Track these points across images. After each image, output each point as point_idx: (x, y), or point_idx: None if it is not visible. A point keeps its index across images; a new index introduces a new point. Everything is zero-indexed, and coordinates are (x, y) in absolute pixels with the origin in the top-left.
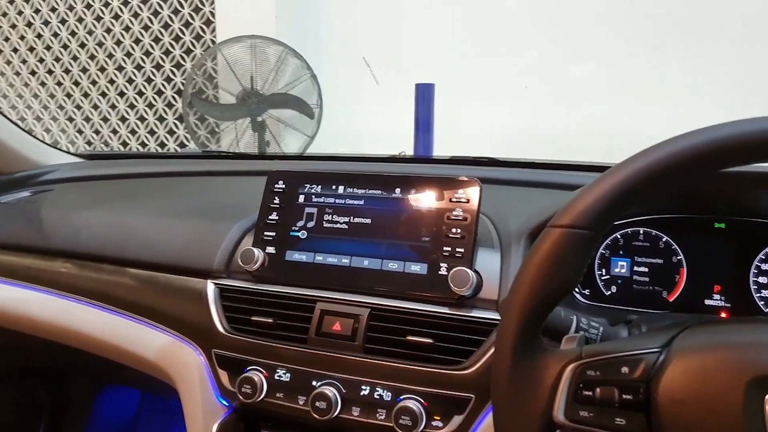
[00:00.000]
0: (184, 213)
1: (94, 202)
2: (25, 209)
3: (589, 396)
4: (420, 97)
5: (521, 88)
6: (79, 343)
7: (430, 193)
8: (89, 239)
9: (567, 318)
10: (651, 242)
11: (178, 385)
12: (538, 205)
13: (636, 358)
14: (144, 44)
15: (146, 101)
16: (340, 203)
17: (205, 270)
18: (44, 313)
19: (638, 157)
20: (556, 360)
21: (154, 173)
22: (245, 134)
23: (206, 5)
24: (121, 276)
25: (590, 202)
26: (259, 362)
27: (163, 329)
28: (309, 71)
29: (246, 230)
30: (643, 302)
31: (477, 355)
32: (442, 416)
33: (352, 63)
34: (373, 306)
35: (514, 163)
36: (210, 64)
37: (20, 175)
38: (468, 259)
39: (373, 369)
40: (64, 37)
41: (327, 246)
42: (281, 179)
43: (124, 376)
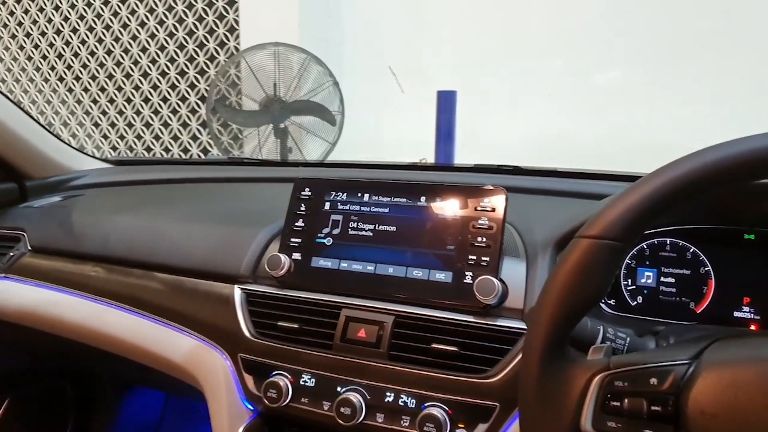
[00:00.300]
0: (211, 219)
1: (123, 208)
2: (57, 214)
3: (617, 407)
4: (442, 104)
5: (544, 96)
6: (107, 346)
7: (456, 202)
8: (118, 244)
9: (594, 328)
10: (678, 253)
11: (204, 389)
12: (563, 214)
13: (665, 369)
14: (169, 51)
15: (170, 107)
16: (366, 211)
17: (232, 275)
18: (74, 315)
19: (670, 168)
20: (584, 370)
21: (180, 179)
22: (268, 141)
23: (230, 13)
24: (150, 280)
25: (620, 213)
26: (284, 367)
27: (190, 333)
28: (331, 78)
29: (272, 236)
30: (669, 313)
31: (502, 364)
32: (467, 424)
33: (373, 70)
34: (398, 313)
35: (538, 172)
36: (233, 70)
37: (52, 180)
38: (494, 268)
39: (398, 376)
40: (92, 44)
41: (352, 253)
42: (307, 186)
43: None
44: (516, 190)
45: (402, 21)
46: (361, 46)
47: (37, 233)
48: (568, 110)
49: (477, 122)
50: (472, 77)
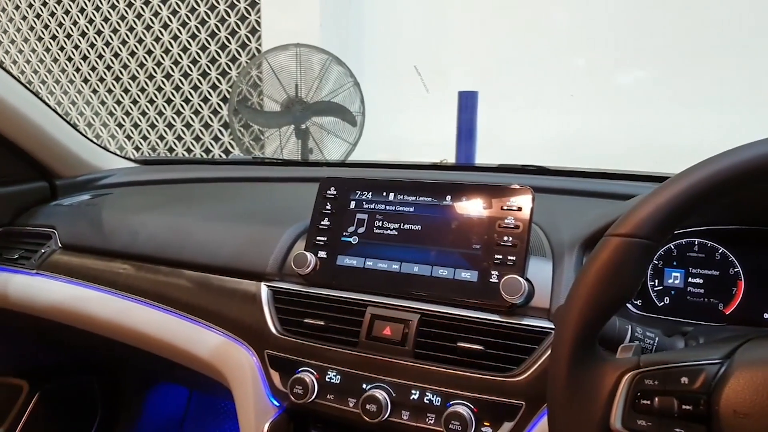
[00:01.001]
0: (237, 217)
1: (150, 206)
2: (86, 212)
3: (647, 405)
4: (463, 104)
5: (566, 97)
6: (135, 341)
7: (482, 201)
8: (146, 241)
9: (622, 327)
10: (706, 254)
11: (231, 385)
12: (589, 214)
13: (696, 368)
14: (191, 52)
15: (192, 108)
16: (391, 210)
17: (259, 273)
18: (103, 311)
19: (702, 166)
20: (614, 368)
21: (207, 178)
22: (289, 141)
23: (252, 14)
24: (177, 277)
25: (651, 211)
26: (310, 364)
27: (217, 329)
28: (352, 78)
29: (298, 235)
30: (697, 314)
31: (528, 363)
32: (492, 422)
33: (393, 71)
34: (423, 312)
35: (562, 172)
36: (255, 71)
37: (81, 179)
38: (520, 267)
39: (423, 374)
40: (116, 46)
41: (377, 252)
42: (333, 185)
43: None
44: (540, 190)
45: (423, 21)
46: (382, 46)
47: (67, 231)
48: (590, 110)
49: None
50: (493, 77)
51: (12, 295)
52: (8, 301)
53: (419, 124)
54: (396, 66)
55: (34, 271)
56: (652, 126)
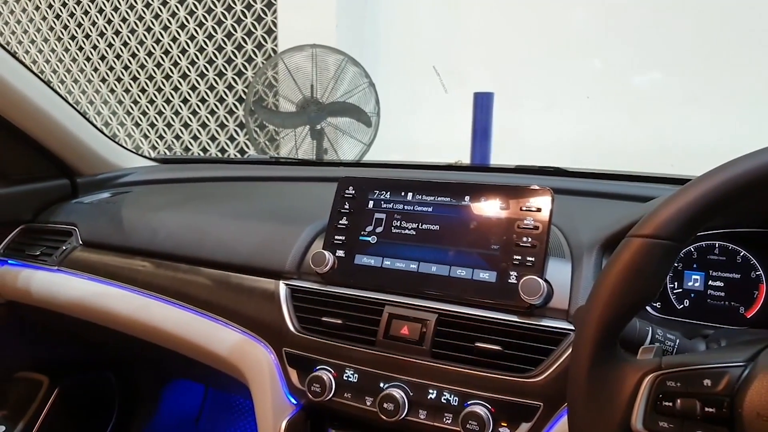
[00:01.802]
0: (255, 216)
1: (169, 204)
2: (106, 209)
3: (669, 407)
4: (478, 105)
5: (583, 98)
6: (154, 338)
7: (501, 202)
8: (166, 239)
9: (642, 329)
10: (727, 256)
11: (249, 382)
12: (607, 216)
13: (719, 371)
14: (208, 53)
15: (208, 108)
16: (409, 210)
17: (277, 271)
18: (123, 307)
19: (726, 168)
20: (635, 370)
21: (225, 177)
22: (304, 142)
23: (268, 15)
24: (196, 275)
25: (674, 212)
26: (328, 362)
27: (235, 327)
28: (367, 79)
29: (316, 234)
30: (717, 318)
31: (546, 364)
32: (509, 423)
33: (409, 72)
34: (441, 312)
35: (580, 173)
36: (271, 72)
37: (101, 177)
38: (539, 268)
39: (441, 373)
40: (133, 46)
41: (395, 251)
42: (351, 185)
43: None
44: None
45: (438, 22)
46: (397, 47)
47: (88, 228)
48: (606, 112)
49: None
50: (509, 79)
51: (34, 291)
52: (30, 297)
53: (434, 125)
54: (411, 67)
55: (55, 267)
56: (668, 128)
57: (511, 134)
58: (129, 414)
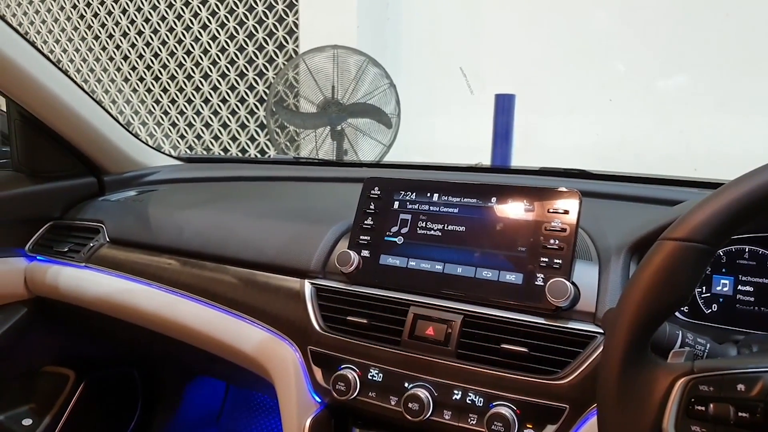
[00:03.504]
0: (280, 215)
1: (195, 203)
2: (133, 207)
3: (701, 411)
4: (500, 107)
5: (605, 101)
6: (179, 335)
7: (527, 204)
8: (192, 237)
9: (672, 333)
10: (758, 261)
11: (273, 380)
12: (634, 219)
13: (753, 376)
14: (229, 53)
15: (229, 108)
16: (435, 210)
17: (303, 270)
18: (149, 304)
19: (763, 171)
20: (666, 373)
21: (249, 177)
22: (324, 143)
23: (290, 16)
24: (222, 273)
25: (709, 216)
26: (353, 361)
27: (260, 325)
28: (388, 80)
29: (341, 233)
30: (747, 323)
31: (572, 367)
32: (535, 425)
33: (429, 73)
34: (467, 313)
35: (605, 176)
36: (292, 73)
37: (127, 175)
38: (566, 271)
39: (466, 374)
40: (156, 47)
41: (420, 252)
42: (377, 185)
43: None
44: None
45: (460, 24)
46: (419, 48)
47: (114, 225)
48: (629, 115)
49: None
50: (531, 81)
51: (62, 286)
52: (58, 293)
53: (454, 127)
54: (432, 68)
55: (82, 264)
56: (692, 132)
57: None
58: (152, 410)
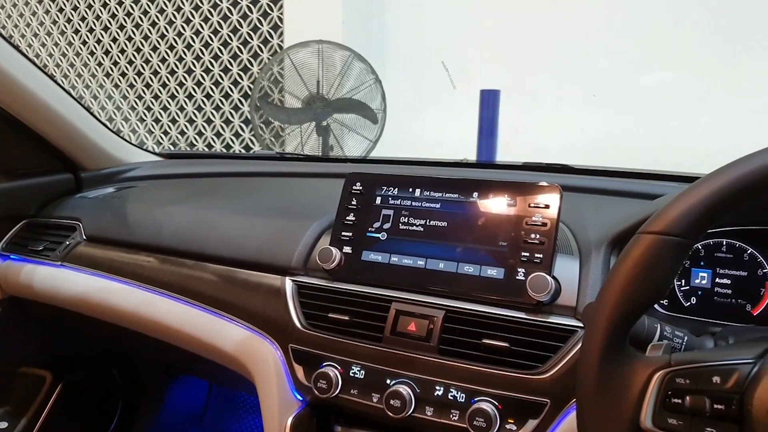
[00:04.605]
0: (262, 211)
1: (175, 199)
2: (111, 204)
3: (678, 404)
4: (485, 103)
5: (589, 97)
6: (158, 334)
7: (509, 198)
8: (171, 235)
9: (651, 326)
10: (735, 254)
11: (254, 378)
12: (615, 213)
13: (728, 368)
14: (213, 48)
15: (213, 104)
16: (417, 206)
17: (284, 267)
18: (127, 303)
19: (738, 164)
20: (644, 367)
21: (231, 173)
22: (310, 138)
23: (274, 10)
24: (202, 271)
25: (685, 209)
26: (334, 358)
27: (241, 323)
28: (374, 75)
29: (323, 230)
30: (724, 315)
31: (554, 361)
32: (516, 419)
33: (415, 68)
34: (449, 308)
35: (587, 171)
36: (277, 68)
37: (106, 171)
38: (547, 265)
39: (448, 370)
40: (138, 41)
41: (403, 247)
42: (359, 181)
43: (196, 368)
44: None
45: (446, 19)
46: (405, 44)
47: (91, 223)
48: (613, 111)
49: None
50: (516, 77)
51: (37, 286)
52: (33, 292)
53: (441, 122)
54: (418, 64)
55: (58, 262)
56: (675, 127)
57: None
58: (133, 410)
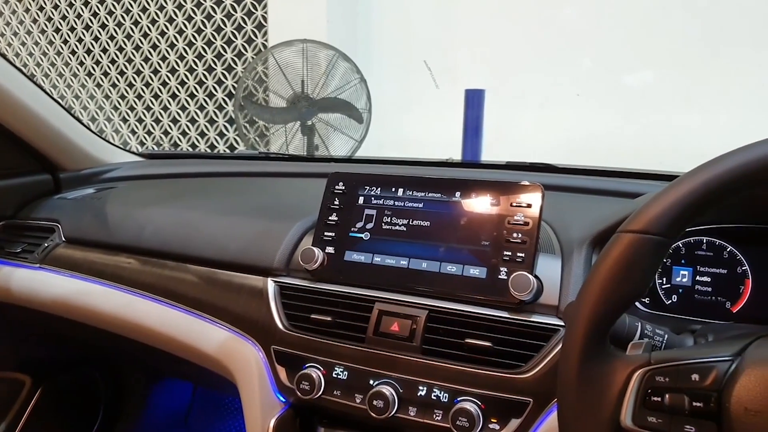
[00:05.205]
0: (244, 212)
1: (156, 200)
2: (91, 205)
3: (657, 402)
4: (470, 102)
5: (573, 96)
6: (140, 336)
7: (491, 198)
8: (152, 236)
9: (632, 325)
10: (714, 252)
11: (237, 380)
12: (597, 212)
13: (707, 365)
14: (197, 47)
15: (197, 103)
16: (400, 206)
17: (266, 268)
18: (107, 305)
19: (715, 163)
20: (624, 365)
21: (213, 173)
22: (295, 138)
23: (259, 9)
24: (183, 272)
25: (664, 208)
26: (317, 359)
27: (223, 325)
28: (359, 75)
29: (306, 230)
30: (705, 312)
31: (536, 360)
32: (499, 419)
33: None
34: (431, 308)
35: (570, 170)
36: (261, 67)
37: (85, 172)
38: (529, 264)
39: (431, 370)
40: (120, 40)
41: (385, 247)
42: (341, 181)
43: (179, 370)
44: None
45: (431, 19)
46: (390, 43)
47: (71, 224)
48: (597, 110)
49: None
50: (500, 77)
51: (14, 289)
52: (11, 296)
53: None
54: (404, 63)
55: (36, 265)
56: (658, 126)
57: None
58: (115, 414)
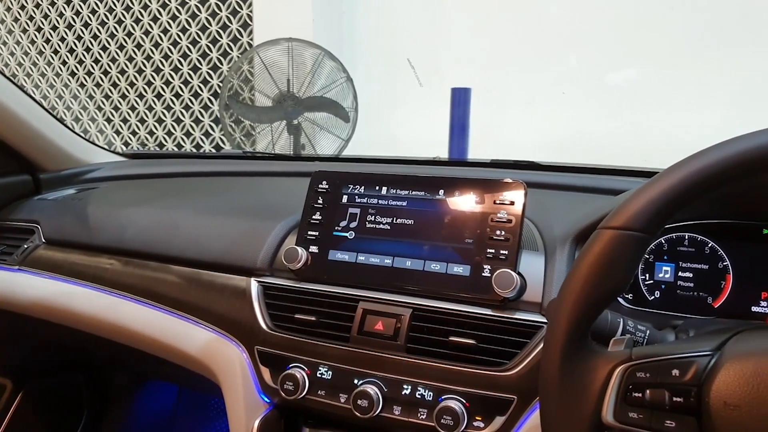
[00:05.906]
0: (228, 212)
1: (138, 200)
2: (71, 206)
3: (638, 398)
4: (456, 101)
5: (559, 94)
6: (122, 338)
7: (474, 195)
8: (134, 236)
9: (614, 321)
10: (696, 248)
11: (220, 381)
12: (580, 209)
13: (687, 360)
14: (182, 46)
15: (183, 103)
16: (383, 204)
17: (249, 268)
18: (89, 307)
19: (693, 159)
20: (606, 361)
21: (196, 173)
22: (281, 137)
23: (244, 8)
24: (166, 273)
25: (644, 204)
26: (301, 360)
27: (206, 326)
28: (345, 74)
29: (289, 229)
30: (687, 308)
31: (520, 357)
32: (484, 417)
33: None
34: (416, 306)
35: (554, 167)
36: (247, 66)
37: (66, 172)
38: (512, 262)
39: (415, 369)
40: (104, 39)
41: (370, 246)
42: (325, 179)
43: (163, 372)
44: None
45: (417, 18)
46: (376, 42)
47: (51, 226)
48: (582, 108)
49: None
50: (486, 75)
51: None
52: None
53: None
54: (390, 62)
55: (16, 266)
56: (643, 124)
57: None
58: (99, 417)
